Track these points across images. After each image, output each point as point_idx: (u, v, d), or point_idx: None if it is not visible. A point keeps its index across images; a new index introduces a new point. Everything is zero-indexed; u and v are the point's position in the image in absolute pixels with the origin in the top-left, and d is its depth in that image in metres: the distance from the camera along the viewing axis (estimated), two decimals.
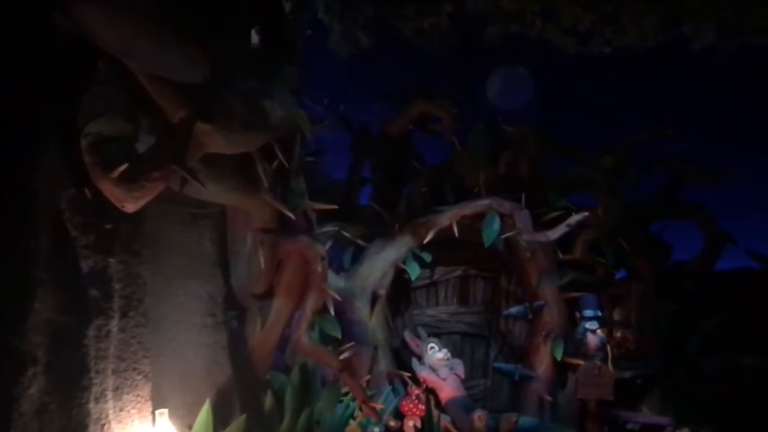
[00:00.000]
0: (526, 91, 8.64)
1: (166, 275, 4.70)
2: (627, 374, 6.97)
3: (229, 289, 5.38)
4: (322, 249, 5.49)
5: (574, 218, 5.85)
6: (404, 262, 6.64)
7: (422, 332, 6.65)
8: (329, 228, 6.82)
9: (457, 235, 6.42)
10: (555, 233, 5.93)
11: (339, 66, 8.16)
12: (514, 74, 8.73)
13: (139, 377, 4.16)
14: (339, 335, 5.87)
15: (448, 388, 6.17)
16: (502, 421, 5.69)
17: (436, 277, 7.17)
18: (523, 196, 6.30)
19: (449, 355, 6.38)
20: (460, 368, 6.41)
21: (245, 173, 4.75)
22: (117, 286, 4.06)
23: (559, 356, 6.78)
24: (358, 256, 6.83)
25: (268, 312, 5.62)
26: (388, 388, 6.33)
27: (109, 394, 3.96)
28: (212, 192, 4.50)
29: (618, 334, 7.20)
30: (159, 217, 4.56)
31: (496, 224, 6.43)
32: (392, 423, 6.05)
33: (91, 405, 3.82)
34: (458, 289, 7.25)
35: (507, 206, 6.43)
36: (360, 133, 7.79)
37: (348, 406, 5.92)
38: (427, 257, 6.60)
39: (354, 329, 6.47)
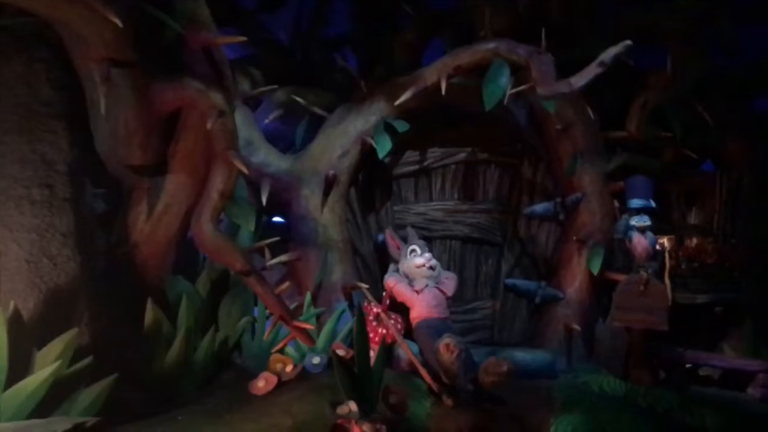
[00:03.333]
0: None
1: None
2: (701, 299, 4.82)
3: (84, 155, 3.76)
4: (221, 100, 3.74)
5: (612, 52, 3.68)
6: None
7: (411, 232, 4.76)
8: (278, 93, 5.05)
9: (443, 92, 4.42)
10: (581, 78, 3.78)
11: None
12: None
13: None
14: (251, 227, 4.12)
15: (421, 306, 4.29)
16: (487, 365, 3.79)
17: (429, 162, 5.20)
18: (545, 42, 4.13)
19: (433, 261, 4.46)
20: (449, 283, 4.50)
21: None
22: None
23: (596, 269, 4.72)
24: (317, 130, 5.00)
25: (157, 194, 3.97)
26: (341, 305, 4.55)
27: None
28: None
29: (692, 243, 4.99)
30: None
31: (504, 78, 4.34)
32: (341, 351, 4.27)
33: None
34: (461, 179, 5.26)
35: (521, 51, 4.32)
36: None
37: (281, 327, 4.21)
38: (402, 126, 4.65)
39: (299, 225, 4.70)
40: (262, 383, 3.91)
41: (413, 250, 4.44)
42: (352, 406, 3.39)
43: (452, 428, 3.48)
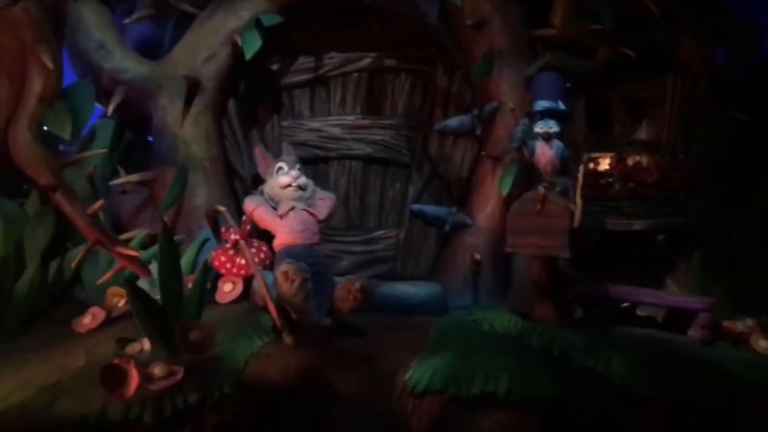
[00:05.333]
0: None
1: None
2: (637, 225, 4.06)
3: None
4: None
5: None
6: None
7: (286, 147, 4.04)
8: None
9: None
10: None
11: None
12: None
13: None
14: (66, 135, 3.45)
15: (284, 231, 3.61)
16: (340, 289, 3.15)
17: (326, 69, 4.45)
18: None
19: (302, 179, 3.75)
20: (323, 204, 3.78)
21: None
22: None
23: (505, 190, 3.98)
24: None
25: None
26: (204, 233, 3.90)
27: None
28: None
29: (630, 161, 4.20)
30: None
31: None
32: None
33: None
34: (365, 90, 4.50)
35: None
36: None
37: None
38: (269, 19, 3.90)
39: (157, 140, 4.03)
40: (89, 319, 3.35)
41: (280, 168, 3.73)
42: (146, 344, 2.78)
43: (276, 371, 2.84)
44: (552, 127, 3.43)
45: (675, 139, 4.33)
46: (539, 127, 3.45)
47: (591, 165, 4.25)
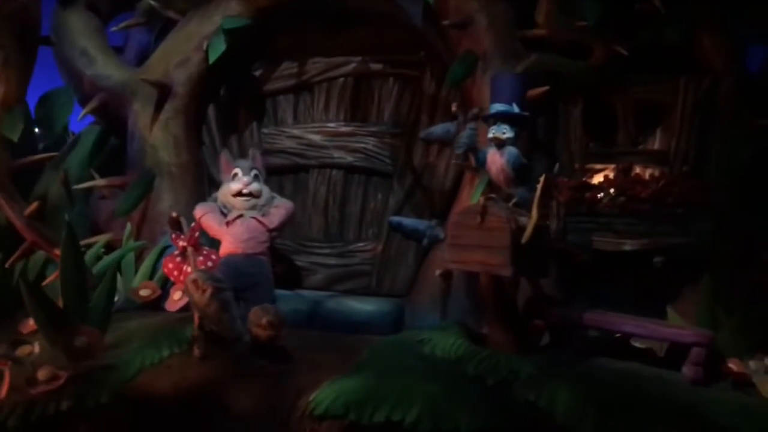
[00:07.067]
0: None
1: None
2: (629, 245, 3.60)
3: None
4: None
5: None
6: None
7: (254, 153, 3.92)
8: None
9: None
10: None
11: None
12: None
13: None
14: (14, 137, 3.50)
15: (227, 240, 3.48)
16: (251, 315, 2.96)
17: (310, 75, 4.32)
18: None
19: (254, 186, 3.61)
20: (276, 213, 3.63)
21: None
22: None
23: (476, 199, 3.65)
24: None
25: None
26: (164, 239, 3.86)
27: None
28: None
29: (633, 173, 3.75)
30: None
31: None
32: (144, 292, 3.60)
33: None
34: (350, 96, 4.32)
35: None
36: None
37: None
38: (233, 22, 3.81)
39: (128, 145, 4.05)
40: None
41: (235, 174, 3.62)
42: (36, 347, 2.72)
43: (167, 383, 2.69)
44: (505, 132, 3.09)
45: (686, 148, 3.82)
46: (491, 133, 3.12)
47: (584, 176, 3.84)
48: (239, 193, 3.55)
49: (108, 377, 2.63)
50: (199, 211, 3.61)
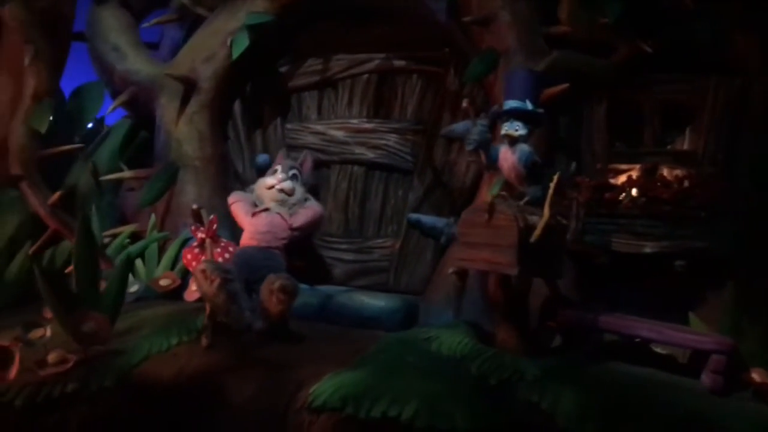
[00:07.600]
0: None
1: None
2: (649, 247, 3.50)
3: None
4: None
5: None
6: None
7: (306, 156, 4.06)
8: None
9: None
10: None
11: None
12: None
13: None
14: (42, 128, 3.63)
15: (247, 230, 3.55)
16: (262, 289, 3.01)
17: (334, 71, 4.35)
18: None
19: (287, 183, 3.67)
20: (303, 213, 3.69)
21: None
22: None
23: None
24: None
25: None
26: (186, 230, 3.94)
27: None
28: None
29: (659, 174, 3.65)
30: None
31: None
32: (164, 282, 3.70)
33: None
34: (373, 93, 4.33)
35: None
36: None
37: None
38: (256, 18, 3.87)
39: (155, 139, 4.15)
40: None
41: (275, 170, 3.71)
42: (48, 331, 2.81)
43: (170, 371, 2.75)
44: (518, 129, 3.05)
45: (715, 150, 3.69)
46: (504, 129, 3.08)
47: (608, 176, 3.75)
48: (272, 188, 3.64)
49: (114, 362, 2.71)
50: (232, 197, 3.76)
